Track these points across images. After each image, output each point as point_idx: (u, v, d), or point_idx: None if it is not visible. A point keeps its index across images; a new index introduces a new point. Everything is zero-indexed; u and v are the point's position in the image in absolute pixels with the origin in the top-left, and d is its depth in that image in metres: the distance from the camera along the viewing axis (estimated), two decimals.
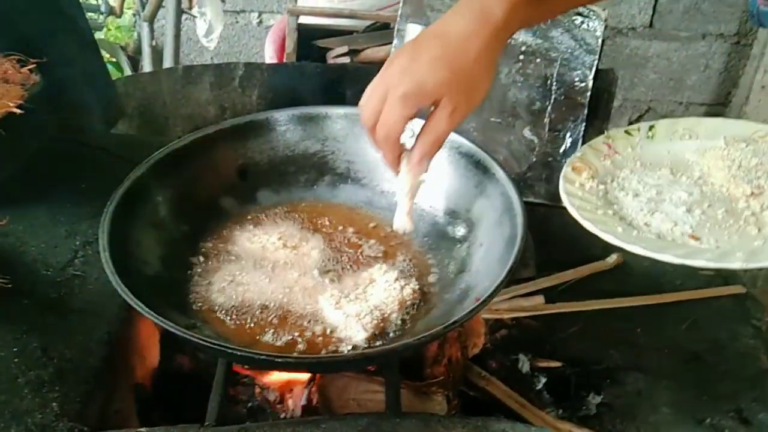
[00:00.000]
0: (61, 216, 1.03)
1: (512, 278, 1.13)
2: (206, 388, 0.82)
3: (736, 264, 0.72)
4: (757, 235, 0.76)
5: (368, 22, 1.81)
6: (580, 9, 1.33)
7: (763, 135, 0.89)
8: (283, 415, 0.91)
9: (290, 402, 0.92)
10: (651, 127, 0.94)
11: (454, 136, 0.97)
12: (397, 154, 0.79)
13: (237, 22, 2.66)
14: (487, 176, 0.92)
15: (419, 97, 0.72)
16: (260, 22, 2.66)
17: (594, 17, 1.33)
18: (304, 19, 1.76)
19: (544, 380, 0.99)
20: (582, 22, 1.32)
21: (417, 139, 0.76)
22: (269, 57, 1.97)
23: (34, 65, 1.04)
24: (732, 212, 0.79)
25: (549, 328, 1.09)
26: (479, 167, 0.93)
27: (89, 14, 2.33)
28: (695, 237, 0.77)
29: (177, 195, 0.93)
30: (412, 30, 0.97)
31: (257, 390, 0.95)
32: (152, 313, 0.69)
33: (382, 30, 1.80)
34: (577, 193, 0.85)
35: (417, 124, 0.96)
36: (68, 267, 0.95)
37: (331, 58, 1.71)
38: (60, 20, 1.18)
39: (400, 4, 1.38)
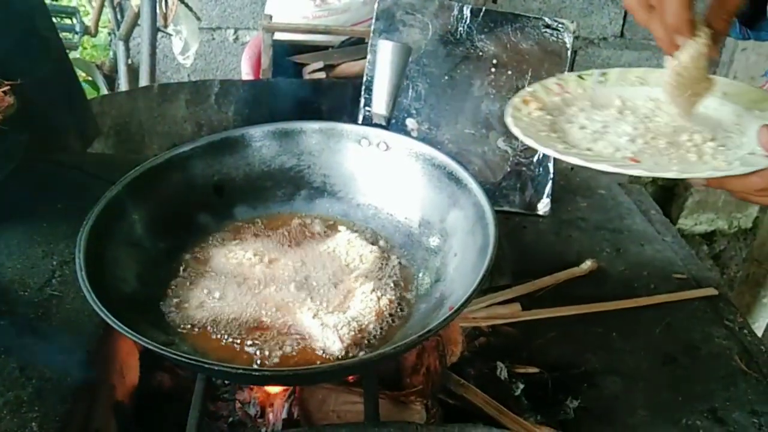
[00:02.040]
0: (38, 236, 1.03)
1: (489, 286, 1.16)
2: (187, 405, 0.82)
3: (670, 173, 0.72)
4: (696, 160, 0.76)
5: (343, 38, 1.83)
6: (549, 21, 1.36)
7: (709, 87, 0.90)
8: (263, 430, 0.91)
9: (271, 416, 0.92)
10: (604, 74, 0.94)
11: (428, 149, 0.99)
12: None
13: (213, 39, 2.67)
14: (460, 187, 0.93)
15: None
16: (236, 38, 2.67)
17: (563, 29, 1.36)
18: (279, 36, 1.78)
19: (522, 386, 1.00)
20: (551, 34, 1.35)
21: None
22: (245, 73, 1.98)
23: (8, 87, 1.04)
24: (674, 144, 0.80)
25: (526, 334, 1.10)
26: (452, 178, 0.95)
27: (64, 34, 2.32)
28: (635, 160, 0.77)
29: (153, 213, 0.93)
30: (384, 46, 0.99)
31: (238, 405, 0.95)
32: (129, 330, 0.70)
33: (356, 45, 1.82)
34: (523, 118, 0.85)
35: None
36: (45, 287, 0.95)
37: (307, 74, 1.73)
38: (34, 41, 1.18)
39: (373, 20, 1.40)
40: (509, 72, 1.37)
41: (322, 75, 1.72)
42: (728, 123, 0.83)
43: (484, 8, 1.38)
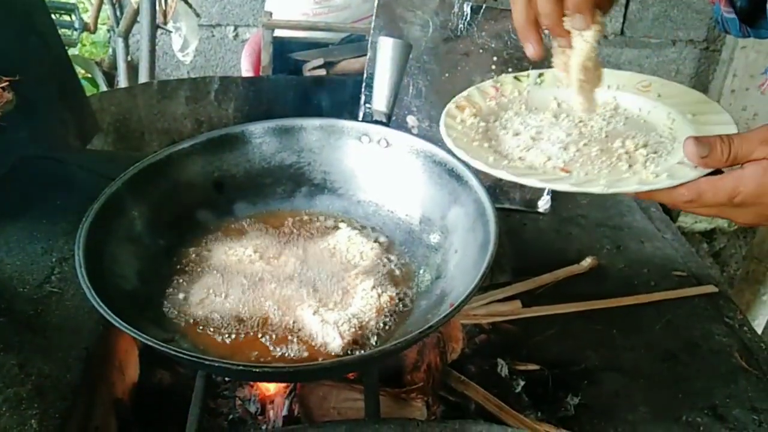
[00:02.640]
0: (37, 233, 1.03)
1: (489, 284, 1.16)
2: (187, 402, 0.82)
3: (596, 189, 0.72)
4: (627, 170, 0.76)
5: (343, 35, 1.83)
6: None
7: (647, 85, 0.89)
8: (264, 427, 0.91)
9: (271, 413, 0.92)
10: (540, 74, 0.93)
11: (429, 146, 0.99)
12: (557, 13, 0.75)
13: (213, 35, 2.66)
14: (461, 184, 0.93)
15: None
16: (236, 35, 2.67)
17: None
18: (279, 33, 1.78)
19: (522, 383, 1.00)
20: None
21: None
22: (245, 70, 1.98)
23: (7, 83, 1.04)
24: (606, 151, 0.79)
25: (526, 331, 1.10)
26: (453, 175, 0.95)
27: (63, 30, 2.32)
28: (566, 170, 0.76)
29: (153, 209, 0.93)
30: (384, 43, 0.99)
31: (238, 402, 0.95)
32: (129, 327, 0.70)
33: (357, 42, 1.82)
34: (456, 127, 0.84)
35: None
36: (45, 284, 0.95)
37: (308, 71, 1.73)
38: (33, 38, 1.18)
39: (373, 17, 1.39)
40: (510, 69, 1.37)
41: (322, 72, 1.71)
42: (662, 127, 0.83)
43: (484, 5, 1.38)
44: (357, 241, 0.96)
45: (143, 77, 2.15)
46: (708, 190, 0.69)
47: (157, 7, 2.07)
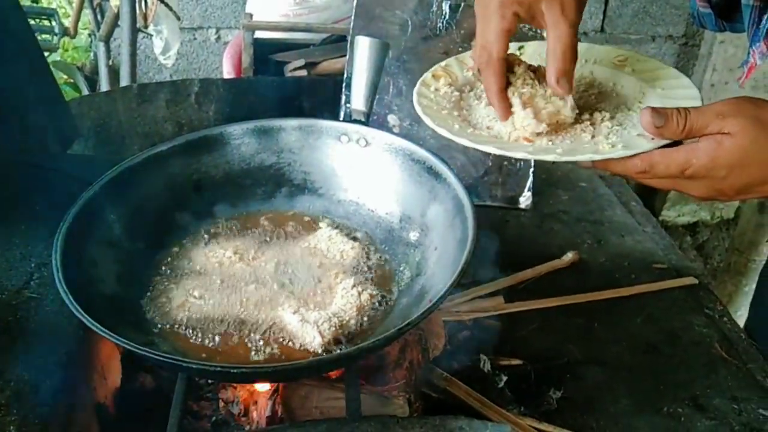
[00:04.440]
0: (16, 238, 1.02)
1: (472, 280, 1.16)
2: (169, 406, 0.82)
3: (551, 156, 0.73)
4: (588, 140, 0.77)
5: (324, 35, 1.83)
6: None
7: (623, 60, 0.90)
8: (247, 428, 0.91)
9: (254, 414, 0.92)
10: (521, 47, 0.94)
11: (407, 144, 0.99)
12: (502, 85, 0.76)
13: (195, 38, 2.65)
14: (440, 181, 0.94)
15: (515, 4, 0.72)
16: (218, 38, 2.66)
17: None
18: (260, 34, 1.77)
19: (505, 378, 1.01)
20: (530, 29, 1.36)
21: (547, 58, 0.75)
22: (227, 72, 1.98)
23: None
24: (575, 120, 0.80)
25: (509, 326, 1.11)
26: (431, 173, 0.95)
27: (44, 36, 2.30)
28: (529, 140, 0.77)
29: (132, 213, 0.93)
30: (361, 42, 0.99)
31: (221, 404, 0.95)
32: (107, 331, 0.69)
33: (337, 42, 1.82)
34: (429, 95, 0.85)
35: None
36: (24, 289, 0.94)
37: (289, 72, 1.73)
38: (9, 43, 1.17)
39: (352, 18, 1.40)
40: None
41: (303, 73, 1.71)
42: (632, 101, 0.84)
43: (462, 3, 1.39)
44: (337, 240, 0.96)
45: (125, 81, 2.14)
46: (660, 162, 0.70)
47: (138, 11, 2.06)
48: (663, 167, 0.70)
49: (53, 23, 2.36)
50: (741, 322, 1.22)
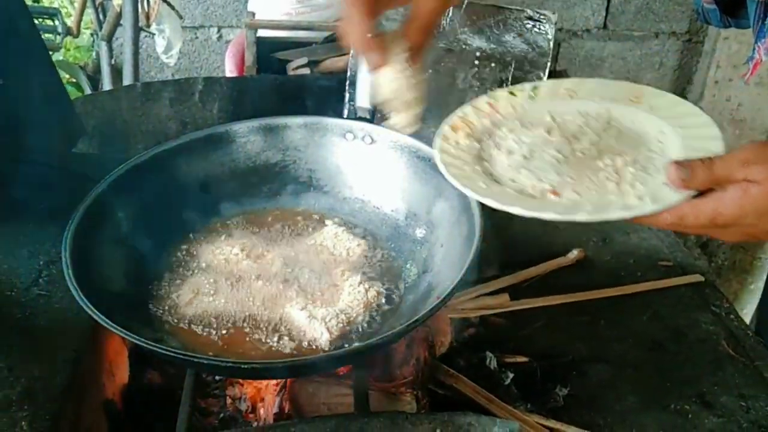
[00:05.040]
0: (24, 236, 1.03)
1: (477, 277, 1.16)
2: (177, 402, 0.82)
3: (580, 216, 0.72)
4: (614, 189, 0.76)
5: (327, 33, 1.83)
6: (531, 13, 1.36)
7: (639, 96, 0.88)
8: (255, 424, 0.91)
9: (262, 410, 0.92)
10: (534, 88, 0.93)
11: (413, 141, 0.99)
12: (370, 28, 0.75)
13: (197, 37, 2.65)
14: (445, 178, 0.93)
15: None
16: (220, 36, 2.66)
17: (545, 20, 1.36)
18: (263, 33, 1.77)
19: (511, 375, 1.01)
20: (533, 26, 1.36)
21: (405, 30, 0.75)
22: (229, 71, 1.98)
23: None
24: (596, 169, 0.79)
25: (515, 324, 1.11)
26: (437, 170, 0.95)
27: (46, 35, 2.31)
28: (556, 193, 0.76)
29: (139, 210, 0.93)
30: None
31: (228, 401, 0.95)
32: (117, 327, 0.70)
33: None
34: (449, 150, 0.84)
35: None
36: (33, 287, 0.95)
37: (292, 70, 1.73)
38: (15, 42, 1.17)
39: None
40: (493, 64, 1.38)
41: (306, 71, 1.71)
42: (652, 141, 0.83)
43: (466, 1, 1.39)
44: (343, 237, 0.97)
45: (127, 80, 2.14)
46: (689, 214, 0.69)
47: (140, 10, 2.06)
48: (692, 219, 0.69)
49: (56, 23, 2.37)
50: (747, 319, 1.22)
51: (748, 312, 2.09)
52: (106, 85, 2.38)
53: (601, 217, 0.72)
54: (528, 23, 1.37)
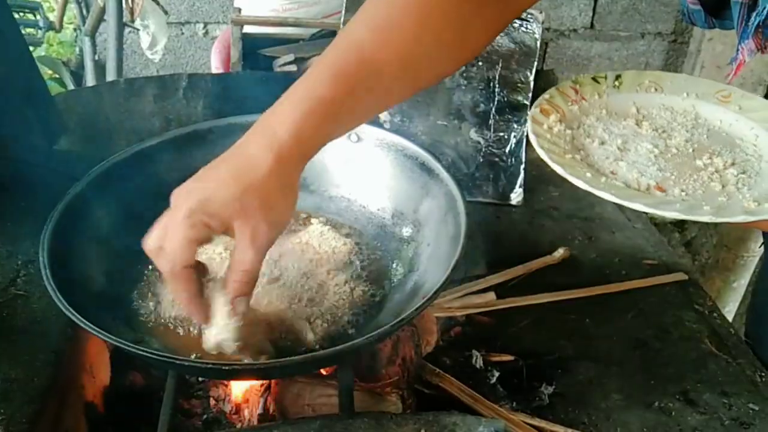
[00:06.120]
0: (1, 236, 1.01)
1: (464, 276, 1.16)
2: (160, 404, 0.81)
3: (705, 217, 0.72)
4: (721, 191, 0.76)
5: (314, 30, 1.82)
6: None
7: (727, 96, 0.89)
8: (239, 426, 0.90)
9: (246, 412, 0.91)
10: (618, 77, 0.93)
11: (399, 139, 0.99)
12: (193, 291, 0.69)
13: (182, 33, 2.63)
14: (432, 177, 0.93)
15: (205, 215, 0.65)
16: (206, 32, 2.64)
17: (532, 20, 1.36)
18: (249, 29, 1.76)
19: (497, 374, 1.01)
20: (520, 25, 1.36)
21: (226, 279, 0.69)
22: (215, 67, 1.96)
23: None
24: (696, 168, 0.79)
25: (501, 322, 1.11)
26: (424, 168, 0.95)
27: (28, 30, 2.27)
28: (661, 188, 0.76)
29: (120, 209, 0.92)
30: None
31: (212, 402, 0.94)
32: (95, 328, 0.68)
33: (327, 37, 1.81)
34: (545, 135, 0.82)
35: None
36: (10, 287, 0.93)
37: (278, 67, 1.71)
38: None
39: (342, 12, 1.39)
40: (480, 63, 1.38)
41: (293, 68, 1.70)
42: (746, 143, 0.83)
43: None
44: (329, 236, 0.96)
45: (111, 76, 2.12)
46: None
47: (124, 5, 2.04)
48: None
49: (38, 17, 2.33)
50: (730, 316, 1.23)
51: (731, 310, 2.11)
52: (90, 80, 2.36)
53: (725, 219, 0.72)
54: (515, 22, 1.36)
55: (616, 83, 0.92)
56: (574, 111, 0.89)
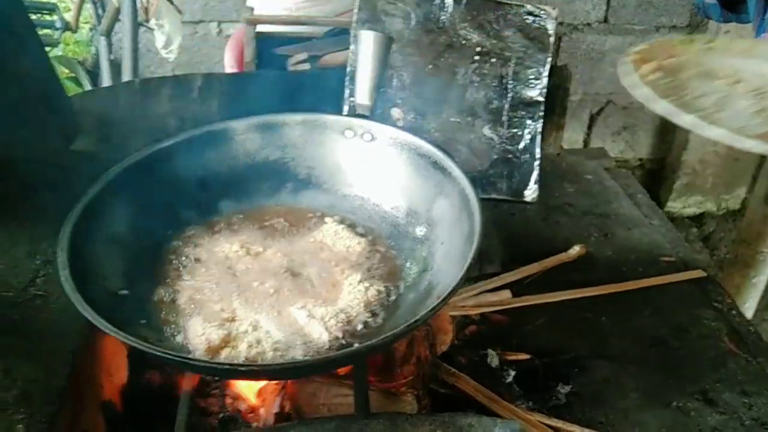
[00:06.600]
0: (20, 236, 1.02)
1: (478, 274, 1.16)
2: (177, 402, 0.82)
3: None
4: None
5: (327, 28, 1.82)
6: (531, 8, 1.35)
7: None
8: (254, 425, 0.91)
9: (262, 411, 0.92)
10: (709, 41, 0.93)
11: (413, 138, 0.98)
12: None
13: (196, 32, 2.64)
14: (446, 175, 0.93)
15: None
16: (220, 31, 2.64)
17: (545, 16, 1.35)
18: (262, 28, 1.76)
19: (513, 373, 1.00)
20: (533, 21, 1.35)
21: None
22: (229, 66, 1.96)
23: None
24: None
25: (516, 321, 1.11)
26: (437, 167, 0.94)
27: (45, 30, 2.29)
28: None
29: (136, 209, 0.92)
30: (365, 36, 0.98)
31: (228, 401, 0.95)
32: (113, 328, 0.69)
33: (340, 35, 1.81)
34: (646, 77, 0.82)
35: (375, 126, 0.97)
36: (29, 287, 0.94)
37: (292, 65, 1.72)
38: (11, 40, 1.16)
39: (355, 10, 1.38)
40: (493, 60, 1.37)
41: (306, 66, 1.70)
42: None
43: None
44: (343, 235, 0.96)
45: (126, 75, 2.13)
46: None
47: (139, 5, 2.05)
48: None
49: (55, 18, 2.35)
50: (749, 314, 1.22)
51: (750, 306, 2.08)
52: (105, 80, 2.37)
53: None
54: (528, 18, 1.36)
55: (708, 45, 0.92)
56: (671, 63, 0.88)
